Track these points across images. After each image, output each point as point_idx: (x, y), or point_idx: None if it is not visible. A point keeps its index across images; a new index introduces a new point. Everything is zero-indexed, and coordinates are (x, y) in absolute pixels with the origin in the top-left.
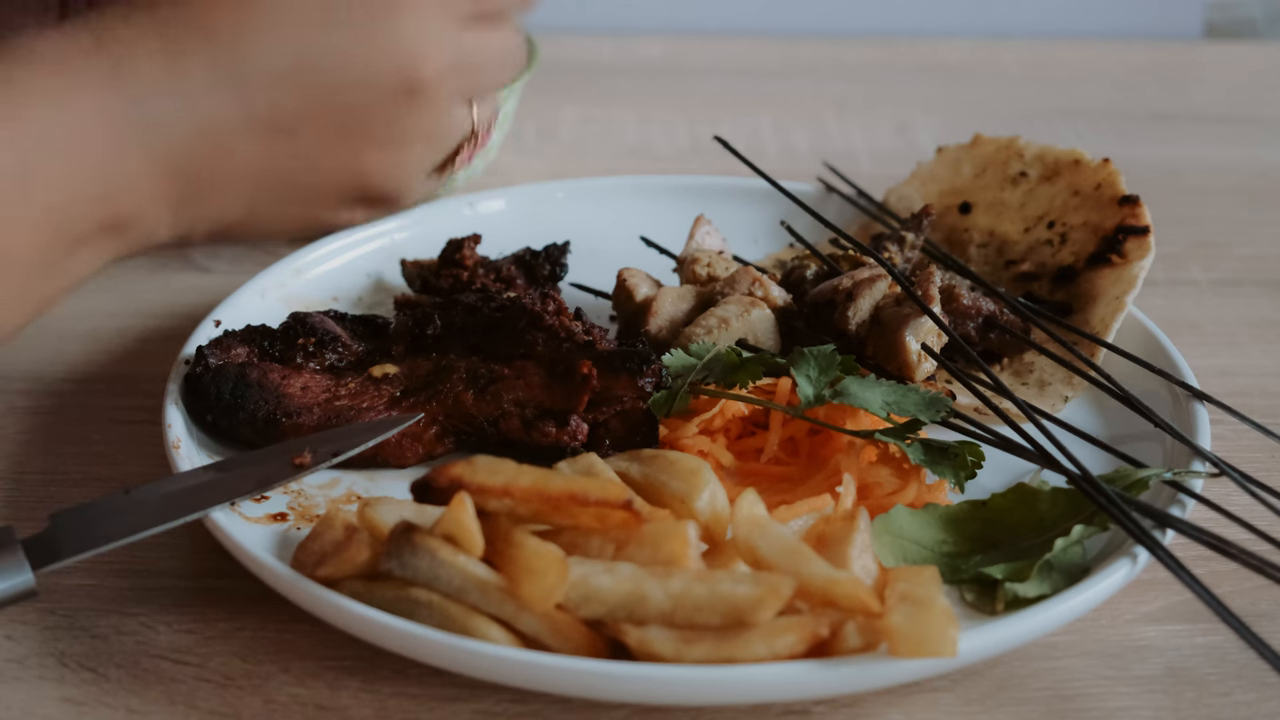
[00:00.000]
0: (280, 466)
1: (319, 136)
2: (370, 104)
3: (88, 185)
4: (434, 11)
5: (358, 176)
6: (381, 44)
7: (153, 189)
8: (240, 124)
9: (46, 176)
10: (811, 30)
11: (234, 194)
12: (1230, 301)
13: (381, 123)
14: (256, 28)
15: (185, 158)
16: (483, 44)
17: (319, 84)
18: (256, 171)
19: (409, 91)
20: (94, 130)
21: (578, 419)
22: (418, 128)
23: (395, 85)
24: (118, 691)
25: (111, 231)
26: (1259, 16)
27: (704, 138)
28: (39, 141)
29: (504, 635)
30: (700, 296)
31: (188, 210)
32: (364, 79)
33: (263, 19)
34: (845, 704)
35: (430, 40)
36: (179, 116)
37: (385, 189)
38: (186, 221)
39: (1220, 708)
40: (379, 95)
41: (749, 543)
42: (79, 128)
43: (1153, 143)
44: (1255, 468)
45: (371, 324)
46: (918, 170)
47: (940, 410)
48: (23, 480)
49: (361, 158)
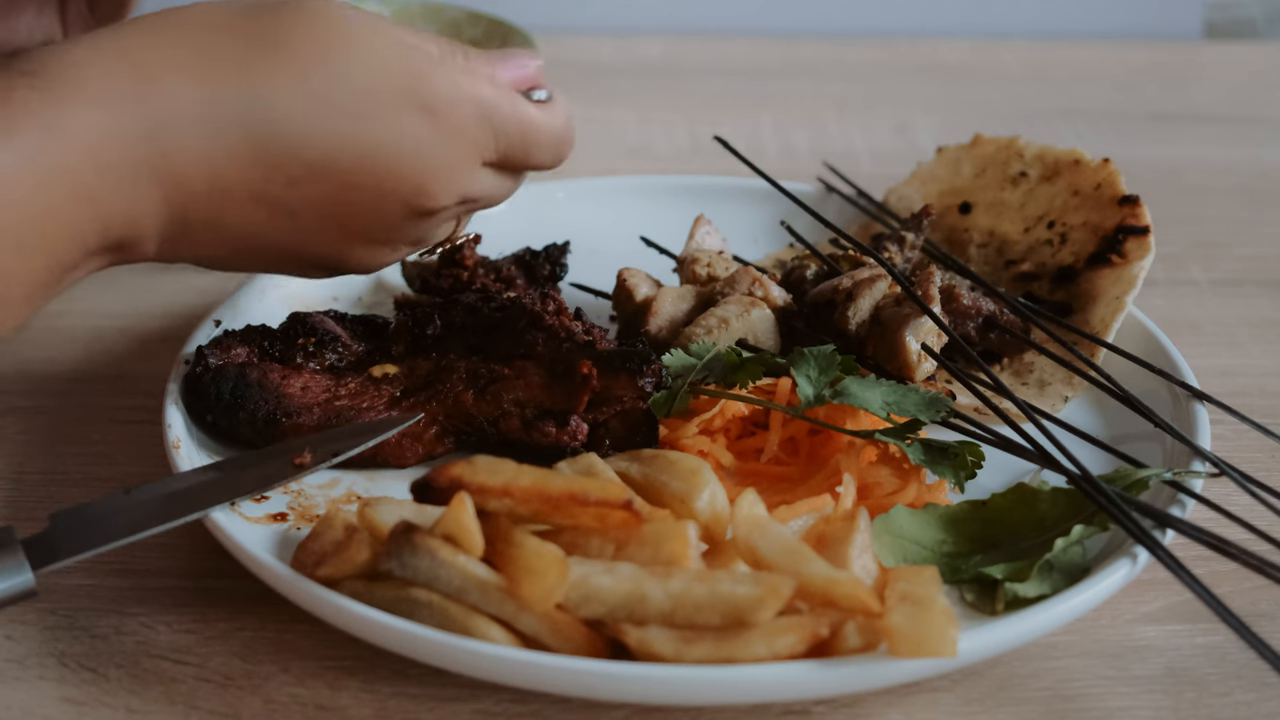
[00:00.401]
0: (280, 466)
1: (319, 225)
2: (376, 212)
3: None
4: (465, 150)
5: (337, 260)
6: (409, 163)
7: (153, 228)
8: (252, 195)
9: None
10: (811, 30)
11: (221, 246)
12: (1230, 301)
13: (381, 228)
14: (300, 108)
15: (189, 206)
16: (493, 186)
17: (340, 183)
18: (247, 235)
19: (417, 212)
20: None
21: (578, 419)
22: (410, 237)
23: (408, 205)
24: (118, 691)
25: (103, 255)
26: (1259, 16)
27: (704, 138)
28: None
29: (504, 635)
30: (700, 296)
31: (174, 246)
32: (382, 190)
33: (308, 100)
34: (845, 704)
35: (455, 174)
36: (198, 171)
37: (356, 270)
38: (171, 253)
39: (1220, 708)
40: (390, 208)
41: (749, 543)
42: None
43: (1153, 143)
44: (1255, 468)
45: (371, 324)
46: (918, 170)
47: (940, 410)
48: (23, 480)
49: (349, 249)
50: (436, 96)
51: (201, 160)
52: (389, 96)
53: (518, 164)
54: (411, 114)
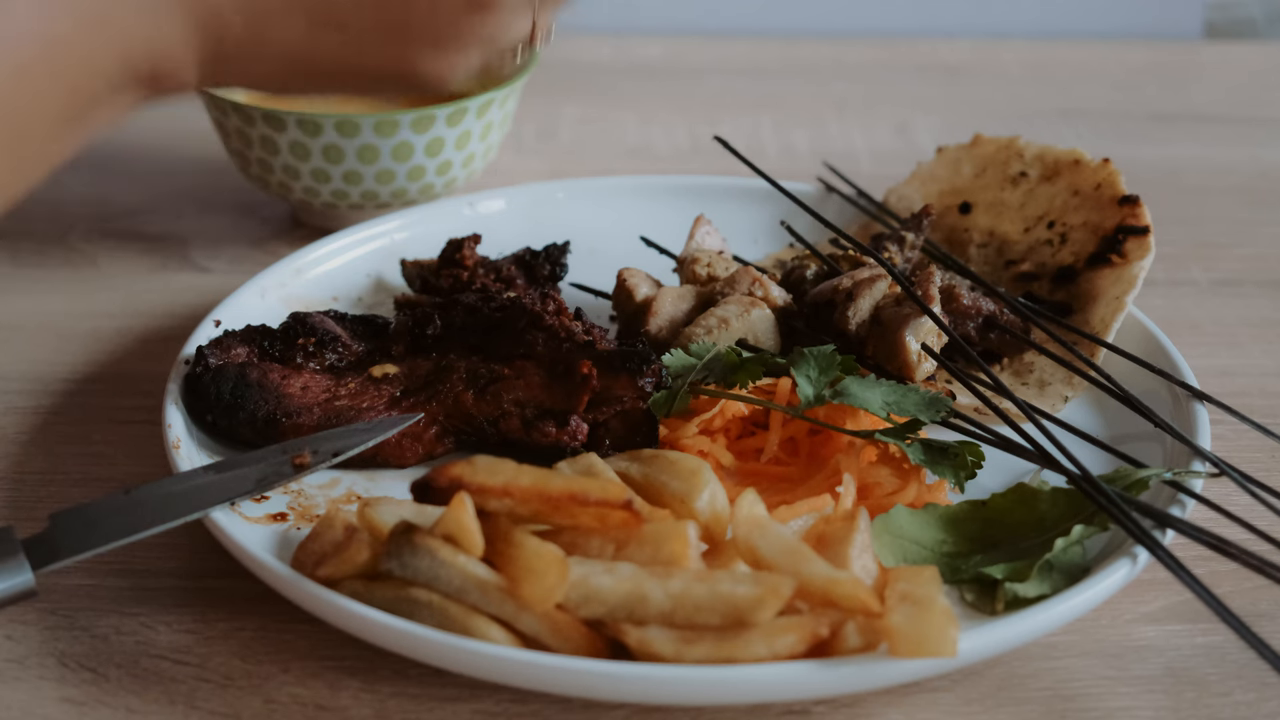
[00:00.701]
0: (280, 466)
1: (373, 33)
2: (435, 9)
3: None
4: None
5: (405, 71)
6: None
7: (185, 51)
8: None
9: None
10: (811, 30)
11: (267, 67)
12: (1230, 301)
13: (444, 29)
14: None
15: (222, 25)
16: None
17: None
18: (294, 52)
19: (478, 5)
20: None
21: (578, 419)
22: (478, 34)
23: None
24: (118, 691)
25: (136, 86)
26: (1259, 16)
27: (704, 138)
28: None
29: (504, 635)
30: (700, 296)
31: (218, 70)
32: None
33: None
34: (845, 704)
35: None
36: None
37: (430, 82)
38: (215, 78)
39: (1220, 708)
40: (446, 3)
41: (749, 543)
42: None
43: (1153, 143)
44: (1255, 468)
45: (371, 324)
46: (918, 170)
47: (940, 410)
48: (23, 480)
49: (413, 55)
50: None
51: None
52: None
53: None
54: None
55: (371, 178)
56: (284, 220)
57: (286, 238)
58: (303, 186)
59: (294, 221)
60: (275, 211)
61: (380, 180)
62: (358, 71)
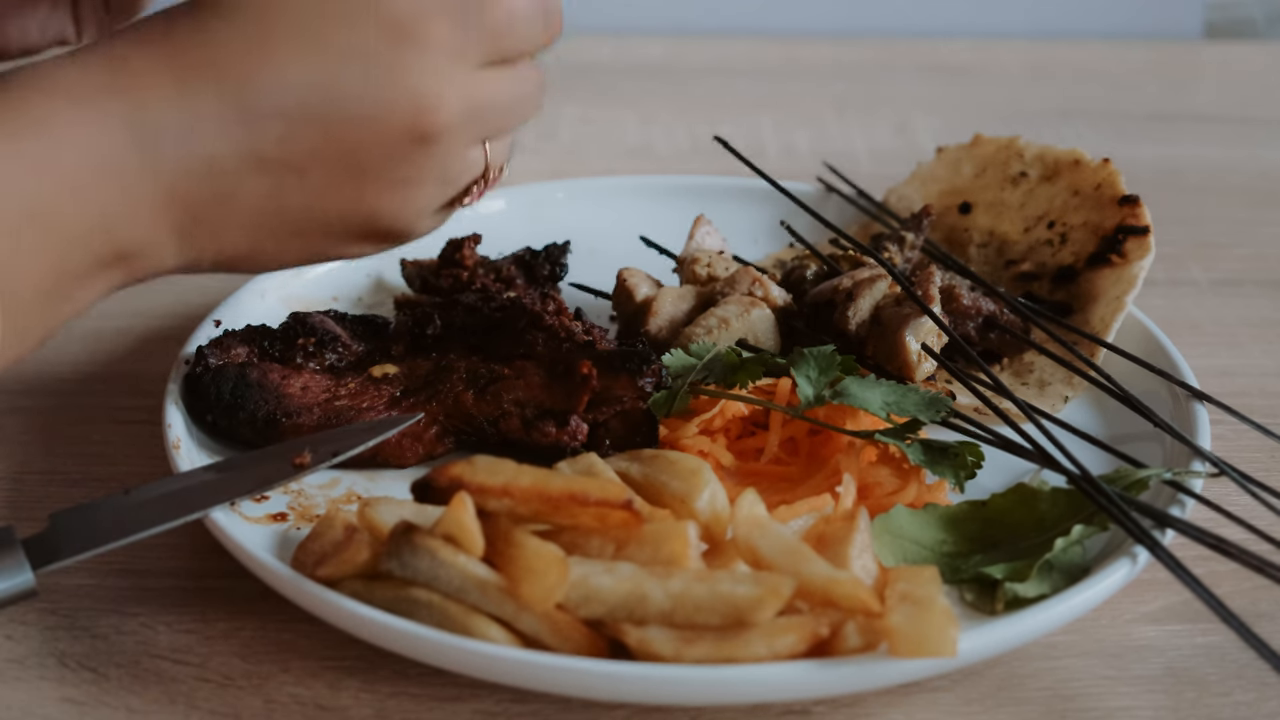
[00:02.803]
0: (280, 466)
1: (329, 176)
2: (380, 146)
3: (94, 222)
4: (447, 57)
5: (366, 216)
6: (393, 87)
7: (157, 223)
8: (248, 162)
9: (54, 215)
10: (811, 30)
11: (239, 230)
12: (1230, 301)
13: (392, 165)
14: (268, 65)
15: (191, 193)
16: (500, 88)
17: (330, 124)
18: (262, 209)
19: (420, 138)
20: (103, 167)
21: (578, 419)
22: (429, 171)
23: (406, 130)
24: (118, 691)
25: (116, 264)
26: (1259, 16)
27: (704, 138)
28: (49, 180)
29: (504, 635)
30: (700, 296)
31: (192, 243)
32: (375, 121)
33: (275, 56)
34: (845, 704)
35: (442, 86)
36: (186, 152)
37: (394, 227)
38: (192, 253)
39: (1220, 708)
40: (390, 138)
41: (749, 543)
42: (89, 165)
43: (1153, 143)
44: (1255, 468)
45: (371, 324)
46: (918, 170)
47: (940, 410)
48: (23, 480)
49: (371, 198)
50: (398, 11)
51: (185, 137)
52: (349, 28)
53: (510, 52)
54: (377, 38)
55: None
56: None
57: None
58: None
59: None
60: None
61: None
62: (323, 222)
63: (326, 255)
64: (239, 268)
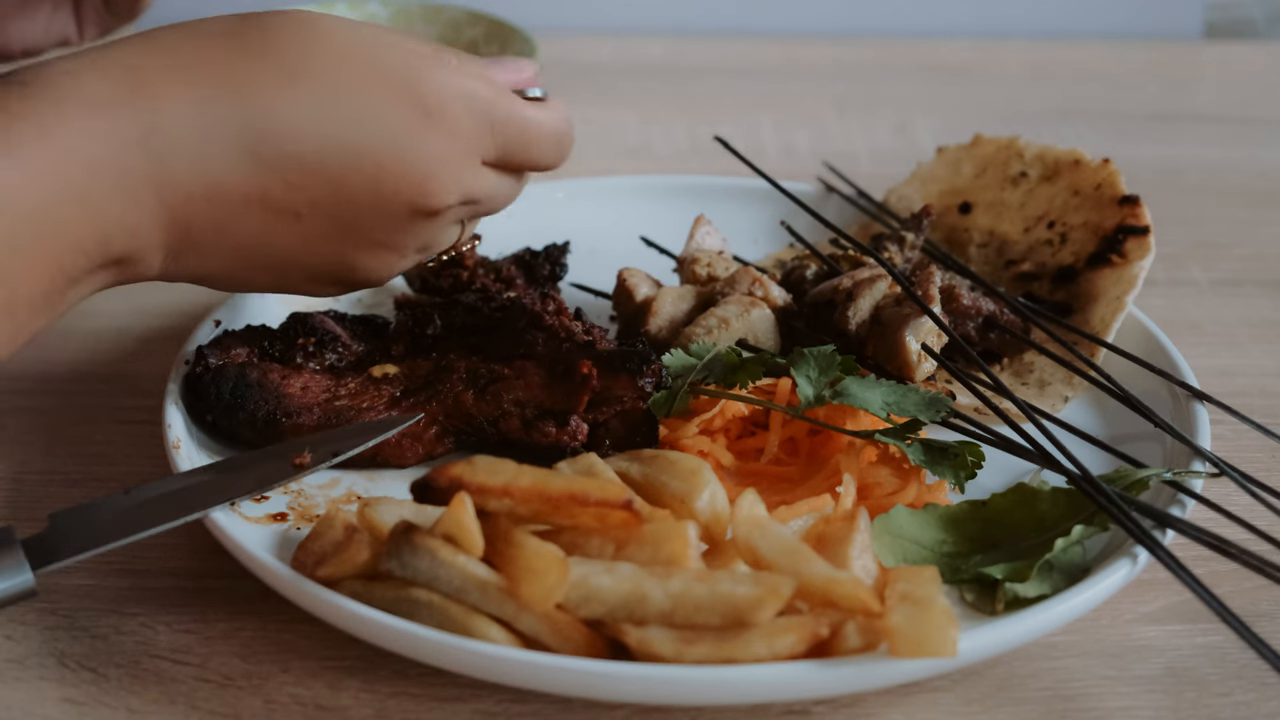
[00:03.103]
0: (280, 466)
1: (323, 227)
2: (379, 213)
3: (95, 231)
4: (464, 148)
5: (344, 268)
6: (411, 161)
7: (152, 238)
8: (251, 199)
9: (57, 222)
10: (811, 30)
11: (223, 257)
12: (1230, 301)
13: (384, 230)
14: (295, 108)
15: (190, 217)
16: (495, 187)
17: (338, 182)
18: (251, 244)
19: (420, 211)
20: (114, 174)
21: (578, 419)
22: (413, 240)
23: (408, 204)
24: (118, 691)
25: (106, 269)
26: (1259, 16)
27: (704, 138)
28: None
29: (504, 635)
30: (700, 296)
31: (177, 260)
32: (381, 189)
33: (303, 101)
34: (845, 704)
35: (453, 171)
36: (195, 176)
37: (364, 281)
38: (174, 268)
39: (1220, 708)
40: (391, 208)
41: (749, 543)
42: (100, 177)
43: (1153, 143)
44: (1255, 468)
45: (371, 324)
46: (918, 170)
47: (940, 410)
48: (23, 480)
49: (353, 253)
50: (431, 94)
51: (196, 163)
52: (381, 96)
53: (519, 162)
54: (406, 112)
55: None
56: None
57: None
58: None
59: None
60: None
61: None
62: (302, 267)
63: (293, 290)
64: (208, 284)
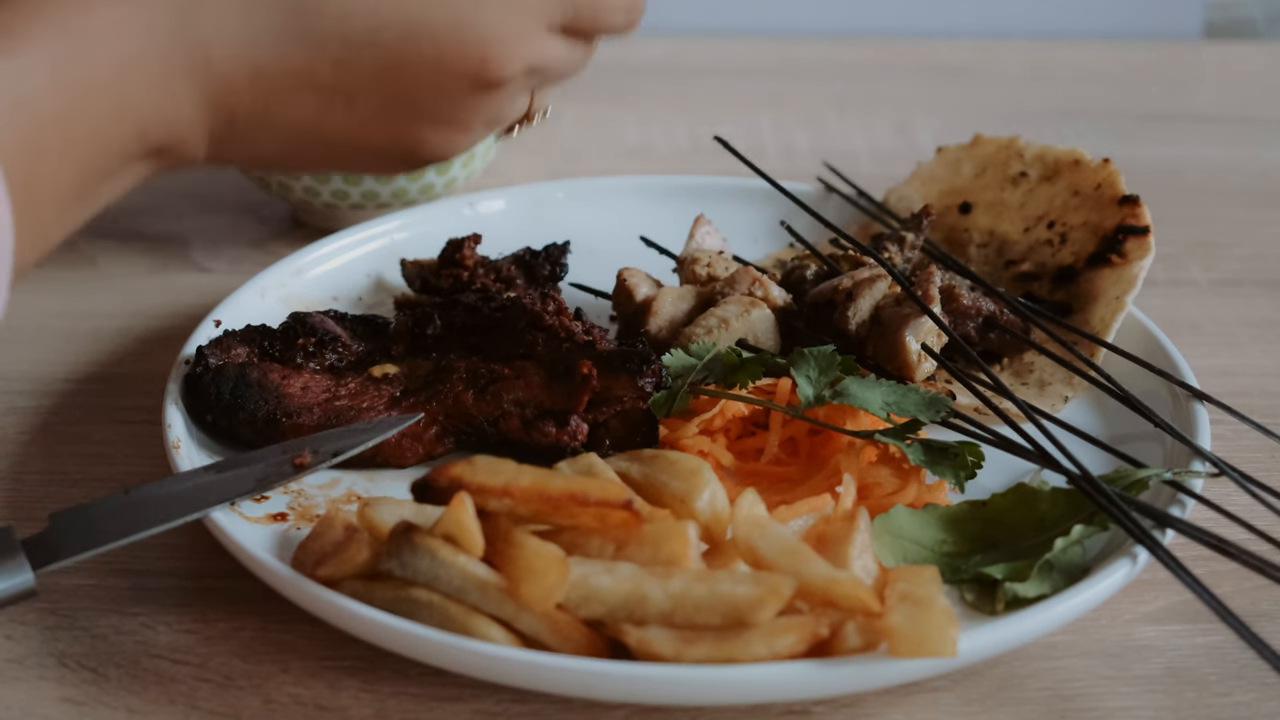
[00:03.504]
0: (280, 466)
1: (379, 108)
2: (439, 87)
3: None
4: (531, 16)
5: (407, 147)
6: (466, 34)
7: (195, 124)
8: (299, 81)
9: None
10: (811, 30)
11: (274, 140)
12: (1230, 301)
13: (447, 106)
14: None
15: (232, 102)
16: (563, 55)
17: (391, 59)
18: (301, 126)
19: (482, 84)
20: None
21: (578, 419)
22: (479, 114)
23: (470, 77)
24: (118, 691)
25: (146, 159)
26: (1259, 16)
27: (704, 138)
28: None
29: (504, 635)
30: (700, 296)
31: (224, 146)
32: (439, 64)
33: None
34: (845, 704)
35: (514, 40)
36: (236, 61)
37: (430, 159)
38: (223, 154)
39: (1220, 708)
40: (451, 82)
41: (749, 543)
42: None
43: (1153, 143)
44: (1255, 468)
45: (371, 324)
46: (918, 170)
47: (940, 410)
48: (23, 480)
49: (416, 132)
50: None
51: (238, 47)
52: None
53: (587, 27)
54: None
55: (372, 178)
56: (284, 220)
57: (286, 238)
58: (303, 186)
59: (294, 221)
60: (275, 211)
61: (380, 180)
62: (361, 147)
63: (356, 171)
64: (266, 167)
